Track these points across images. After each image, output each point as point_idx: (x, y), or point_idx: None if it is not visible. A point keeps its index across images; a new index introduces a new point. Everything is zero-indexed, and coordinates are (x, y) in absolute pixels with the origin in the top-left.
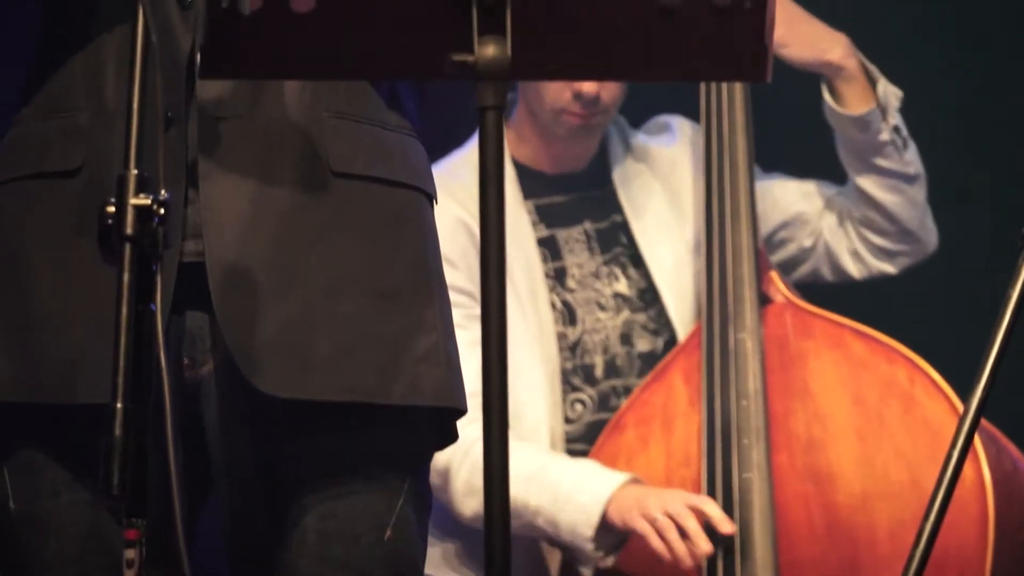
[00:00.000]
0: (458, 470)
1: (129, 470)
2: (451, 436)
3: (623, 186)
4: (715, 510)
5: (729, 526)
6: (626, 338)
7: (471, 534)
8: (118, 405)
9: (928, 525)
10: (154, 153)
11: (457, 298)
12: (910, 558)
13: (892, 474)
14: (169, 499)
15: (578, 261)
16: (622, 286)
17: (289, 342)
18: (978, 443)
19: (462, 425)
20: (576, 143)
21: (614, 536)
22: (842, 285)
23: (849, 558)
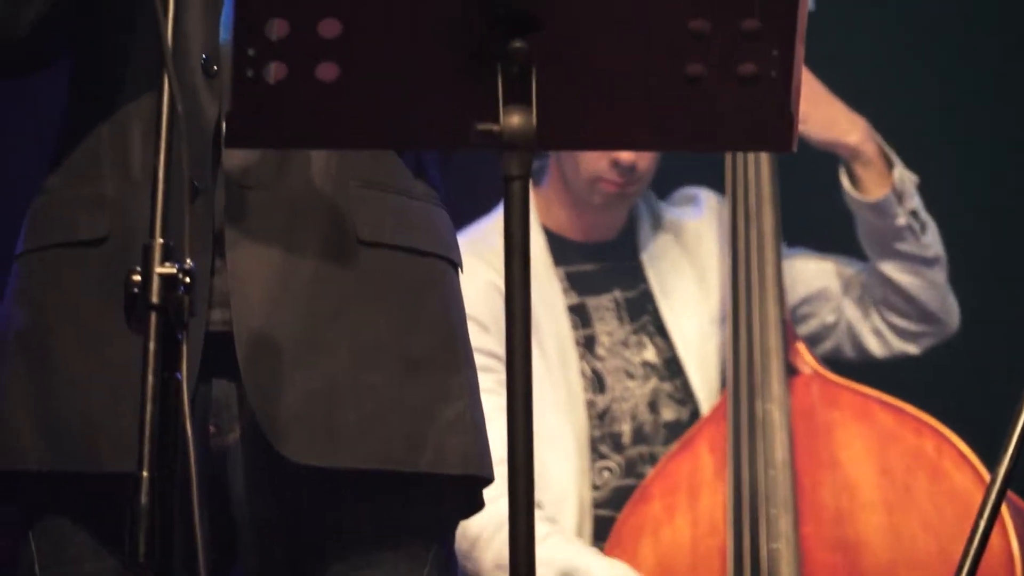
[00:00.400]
0: (488, 542)
1: (155, 538)
2: (478, 504)
3: (649, 257)
4: None
5: None
6: (653, 406)
7: None
8: (144, 473)
9: None
10: (180, 222)
11: (488, 362)
12: None
13: (920, 545)
14: (195, 567)
15: (608, 329)
16: (650, 354)
17: (316, 411)
18: (1005, 514)
19: (494, 498)
20: (607, 212)
21: None
22: (888, 360)
23: None
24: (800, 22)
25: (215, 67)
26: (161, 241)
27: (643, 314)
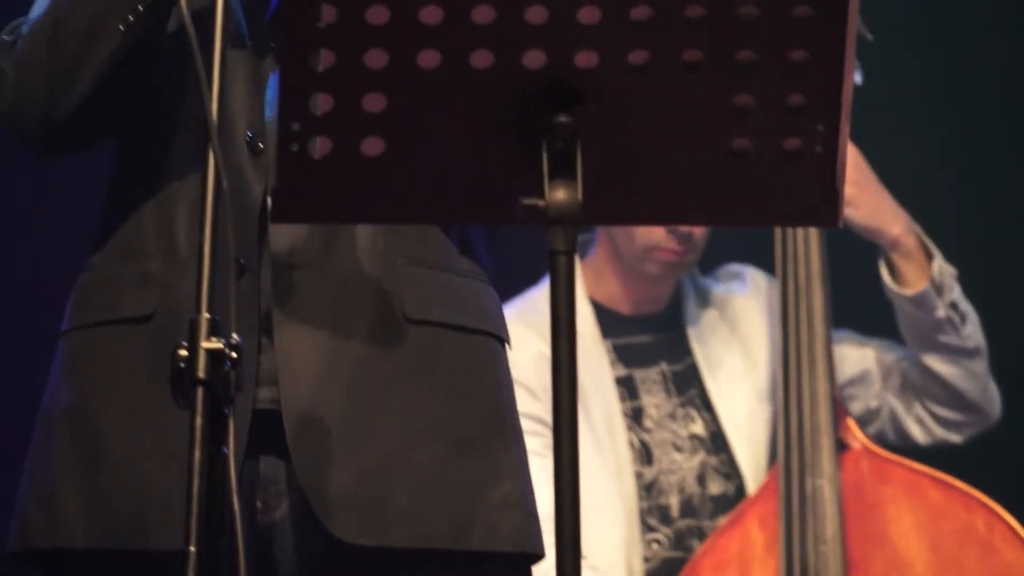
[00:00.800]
0: None
1: None
2: None
3: (696, 331)
4: None
5: None
6: (701, 479)
7: None
8: (191, 548)
9: None
10: (226, 300)
11: (536, 427)
12: None
13: None
14: None
15: (655, 401)
16: (697, 427)
17: (366, 491)
18: None
19: (544, 573)
20: (658, 283)
21: None
22: (931, 448)
23: None
24: (846, 97)
25: (260, 144)
26: (207, 316)
27: (690, 387)
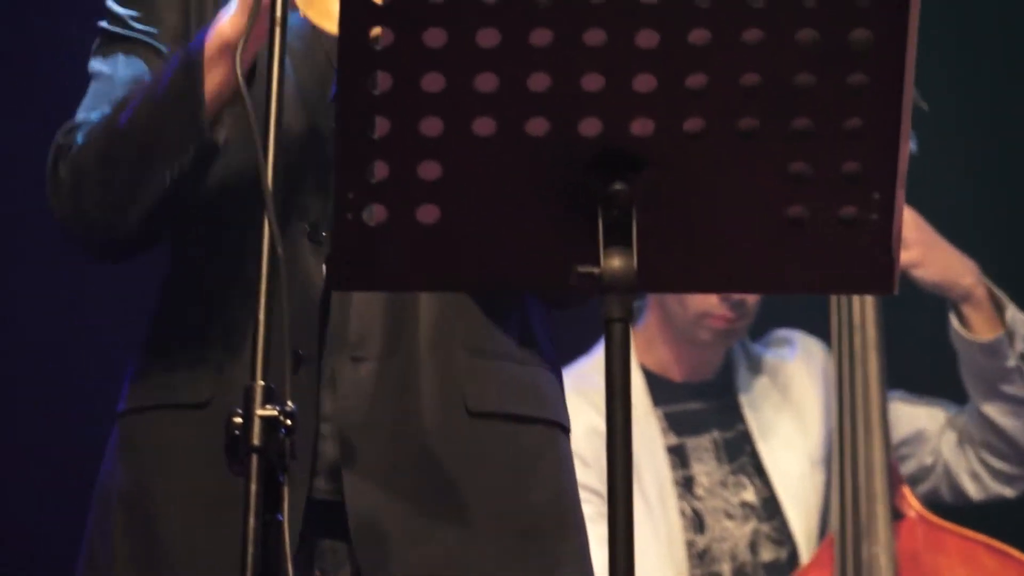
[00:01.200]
0: None
1: None
2: None
3: (746, 397)
4: None
5: None
6: (753, 547)
7: None
8: None
9: None
10: (281, 385)
11: (588, 496)
12: None
13: None
14: None
15: (706, 469)
16: (749, 495)
17: None
18: None
19: None
20: (710, 350)
21: None
22: (984, 503)
23: None
24: (901, 165)
25: (323, 234)
26: (262, 383)
27: (741, 454)
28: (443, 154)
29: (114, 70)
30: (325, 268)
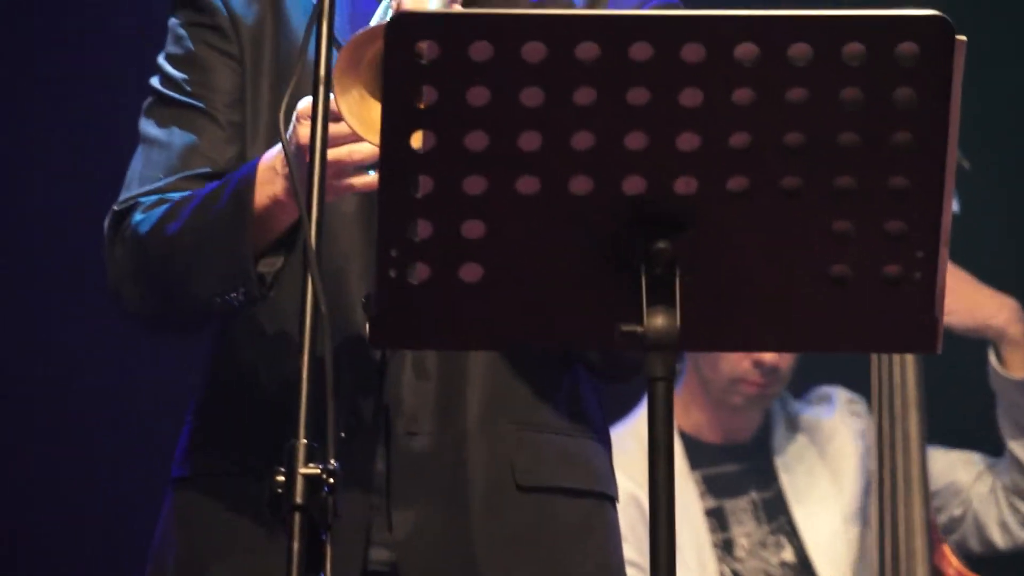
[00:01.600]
0: None
1: None
2: None
3: (782, 460)
4: None
5: None
6: None
7: None
8: None
9: None
10: (328, 446)
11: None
12: None
13: None
14: None
15: (746, 531)
16: (788, 554)
17: None
18: None
19: None
20: (745, 413)
21: None
22: (1010, 552)
23: None
24: (944, 224)
25: None
26: (305, 441)
27: (780, 513)
28: (487, 213)
29: (170, 138)
30: (368, 326)
